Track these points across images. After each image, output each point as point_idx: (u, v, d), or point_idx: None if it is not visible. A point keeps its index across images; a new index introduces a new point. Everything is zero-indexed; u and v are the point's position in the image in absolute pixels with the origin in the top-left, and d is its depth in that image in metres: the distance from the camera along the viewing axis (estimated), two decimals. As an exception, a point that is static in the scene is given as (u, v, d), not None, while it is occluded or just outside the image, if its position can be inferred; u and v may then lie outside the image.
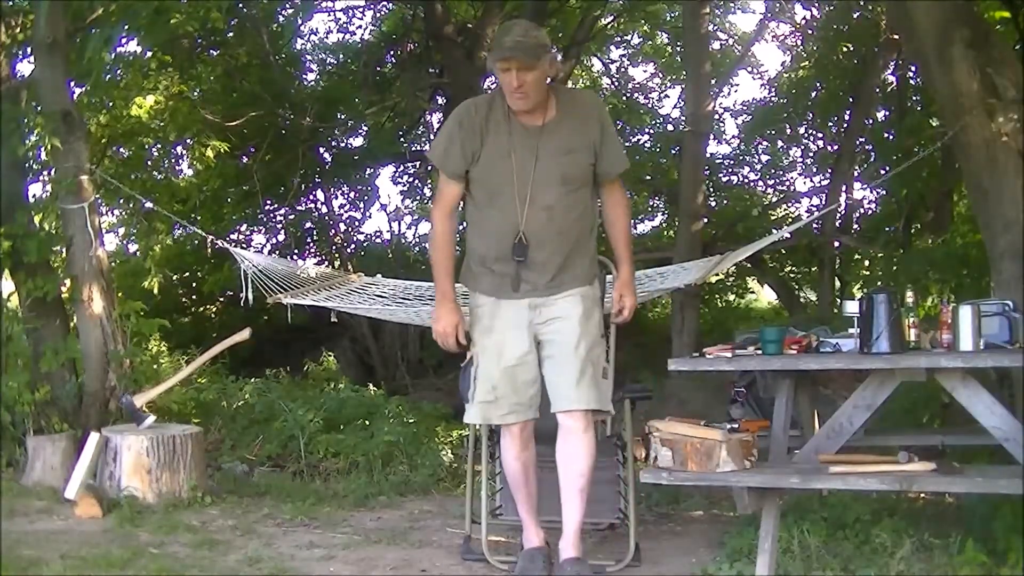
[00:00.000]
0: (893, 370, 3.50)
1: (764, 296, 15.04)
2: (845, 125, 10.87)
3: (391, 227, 13.02)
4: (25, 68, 6.53)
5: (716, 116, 11.81)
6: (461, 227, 3.75)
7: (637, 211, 13.70)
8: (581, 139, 3.40)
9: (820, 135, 11.94)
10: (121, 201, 9.65)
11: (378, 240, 12.99)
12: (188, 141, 9.95)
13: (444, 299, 3.48)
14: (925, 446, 4.33)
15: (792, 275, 12.58)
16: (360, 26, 12.81)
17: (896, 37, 8.77)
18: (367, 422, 6.42)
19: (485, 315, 3.48)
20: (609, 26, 13.43)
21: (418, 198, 13.85)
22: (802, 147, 12.21)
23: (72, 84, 6.16)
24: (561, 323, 3.45)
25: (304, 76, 12.04)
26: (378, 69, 12.60)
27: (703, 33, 10.00)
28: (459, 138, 3.39)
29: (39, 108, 5.83)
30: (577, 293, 3.47)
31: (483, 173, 3.39)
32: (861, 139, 10.61)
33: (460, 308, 3.50)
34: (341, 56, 12.77)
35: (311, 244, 12.55)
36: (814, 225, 10.09)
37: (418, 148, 12.87)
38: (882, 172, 8.83)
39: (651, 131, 13.51)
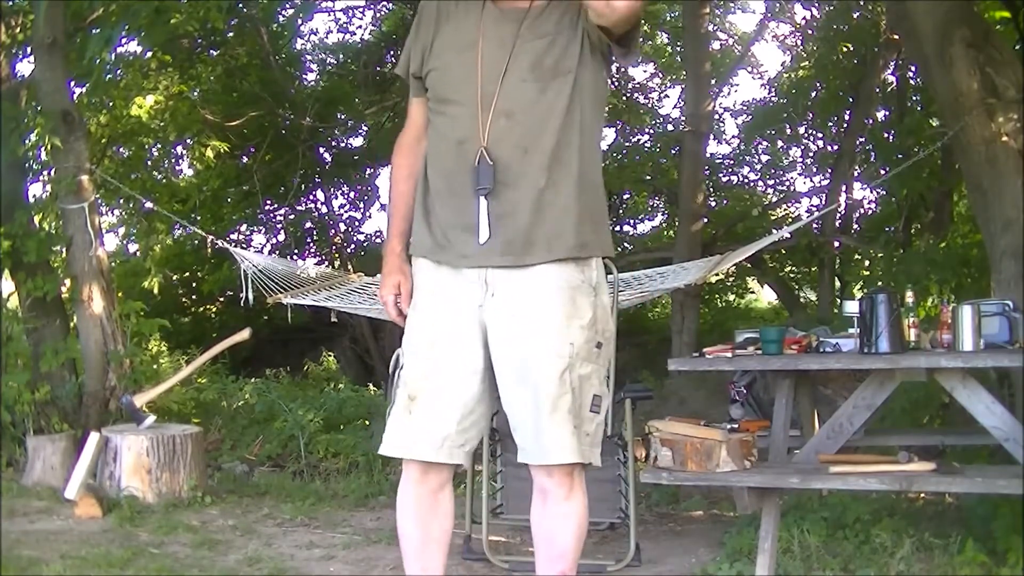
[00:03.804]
0: (893, 370, 3.49)
1: (764, 296, 15.04)
2: (845, 125, 10.87)
3: (391, 227, 13.01)
4: (25, 68, 6.55)
5: (716, 116, 11.82)
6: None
7: (637, 211, 13.72)
8: (567, 16, 2.34)
9: (820, 135, 11.94)
10: (121, 201, 9.68)
11: (378, 240, 12.98)
12: (188, 141, 9.97)
13: (387, 255, 2.53)
14: (925, 446, 4.33)
15: (792, 275, 12.60)
16: (360, 26, 12.81)
17: (896, 37, 8.77)
18: (367, 422, 6.43)
19: (419, 287, 2.44)
20: (609, 26, 13.41)
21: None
22: (802, 147, 12.21)
23: (72, 84, 6.16)
24: (527, 320, 2.30)
25: (304, 76, 12.04)
26: (378, 69, 12.60)
27: (703, 33, 10.01)
28: (413, 31, 2.49)
29: (39, 108, 5.83)
30: (557, 268, 2.32)
31: (437, 75, 2.41)
32: (861, 139, 10.61)
33: (406, 265, 2.51)
34: (341, 56, 12.77)
35: (311, 244, 12.55)
36: (814, 225, 10.09)
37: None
38: (882, 172, 8.82)
39: (651, 131, 13.51)
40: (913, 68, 9.43)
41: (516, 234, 2.30)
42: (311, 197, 12.13)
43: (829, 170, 11.16)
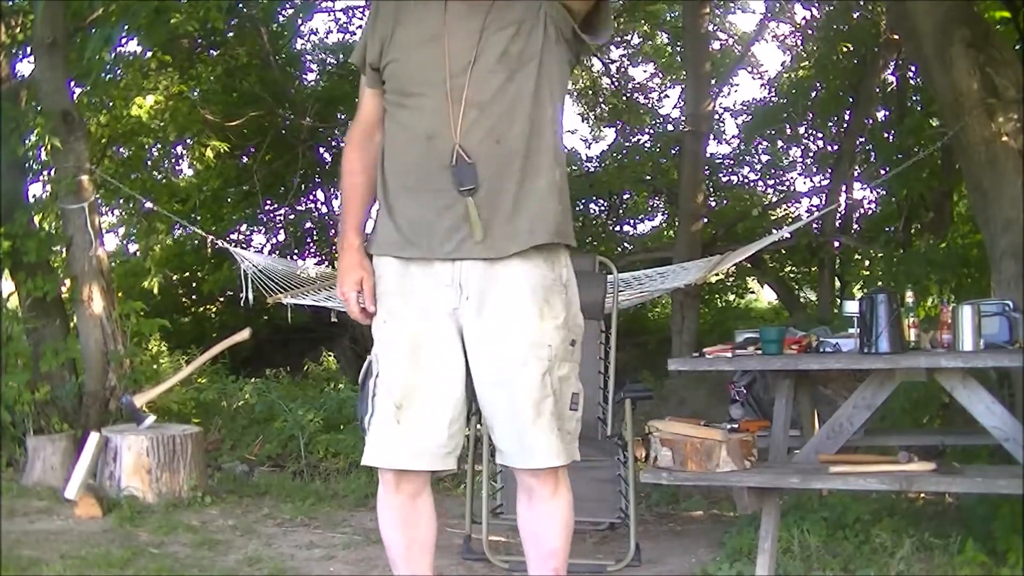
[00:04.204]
0: (893, 370, 3.50)
1: (764, 296, 15.05)
2: (845, 125, 10.87)
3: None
4: (25, 68, 6.55)
5: (716, 116, 11.82)
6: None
7: (637, 211, 13.72)
8: (530, 4, 2.32)
9: (820, 135, 11.94)
10: (121, 201, 9.67)
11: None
12: (188, 141, 9.97)
13: (345, 250, 2.45)
14: (925, 446, 4.33)
15: (792, 275, 12.59)
16: (360, 26, 12.80)
17: (896, 37, 8.77)
18: (367, 422, 6.41)
19: (389, 289, 2.37)
20: (609, 26, 13.41)
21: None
22: (802, 147, 12.21)
23: (72, 84, 6.16)
24: (505, 321, 2.28)
25: (304, 76, 12.04)
26: (378, 69, 12.59)
27: (703, 33, 10.02)
28: (371, 22, 2.45)
29: (39, 108, 5.84)
30: (530, 267, 2.28)
31: (398, 66, 2.35)
32: (861, 139, 10.61)
33: (366, 260, 2.44)
34: (341, 56, 12.77)
35: (311, 244, 12.55)
36: (814, 225, 10.09)
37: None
38: (882, 172, 8.82)
39: (651, 131, 13.51)
40: (913, 68, 9.43)
41: (497, 225, 2.26)
42: (311, 197, 12.13)
43: (829, 170, 11.16)
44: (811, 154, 12.07)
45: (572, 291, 2.39)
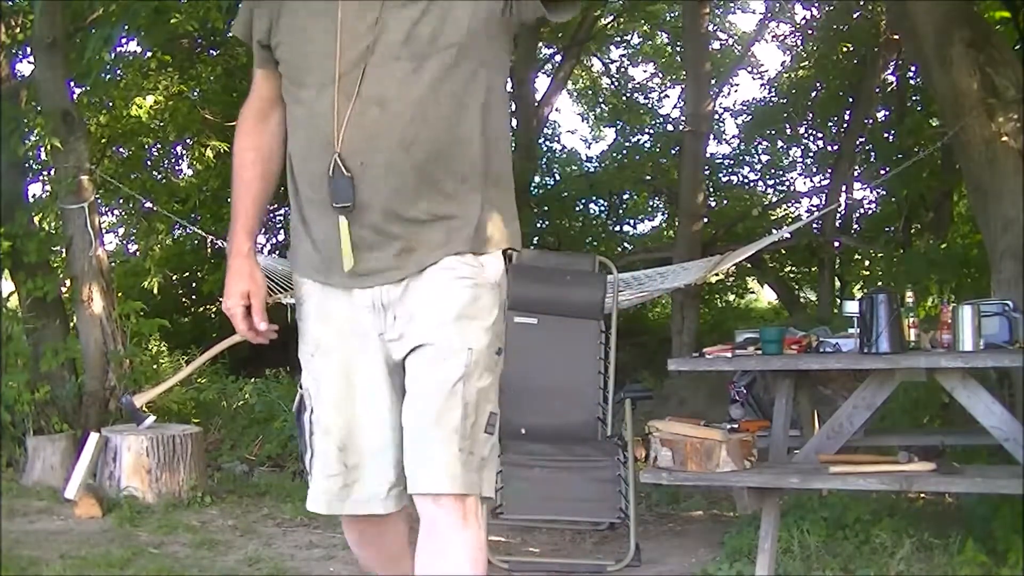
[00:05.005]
0: (893, 370, 3.50)
1: (764, 296, 15.06)
2: (845, 125, 10.88)
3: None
4: (25, 68, 6.55)
5: (716, 116, 11.83)
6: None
7: (637, 211, 13.73)
8: None
9: (820, 135, 11.96)
10: (121, 201, 9.67)
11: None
12: (188, 141, 9.97)
13: (233, 256, 2.09)
14: (925, 446, 4.33)
15: (792, 275, 12.61)
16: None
17: (896, 37, 8.78)
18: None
19: (311, 314, 2.05)
20: (609, 26, 13.44)
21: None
22: (802, 147, 12.23)
23: (72, 84, 6.16)
24: (417, 326, 1.92)
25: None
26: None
27: (703, 33, 10.03)
28: None
29: (39, 108, 5.84)
30: (455, 260, 1.91)
31: (287, 50, 1.96)
32: (861, 139, 10.62)
33: (256, 269, 2.09)
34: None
35: (311, 244, 12.56)
36: (814, 225, 10.10)
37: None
38: (882, 172, 8.84)
39: (651, 131, 13.51)
40: (913, 68, 9.44)
41: (411, 245, 1.90)
42: (311, 197, 12.12)
43: (829, 170, 11.17)
44: (811, 154, 12.09)
45: (503, 292, 2.01)
